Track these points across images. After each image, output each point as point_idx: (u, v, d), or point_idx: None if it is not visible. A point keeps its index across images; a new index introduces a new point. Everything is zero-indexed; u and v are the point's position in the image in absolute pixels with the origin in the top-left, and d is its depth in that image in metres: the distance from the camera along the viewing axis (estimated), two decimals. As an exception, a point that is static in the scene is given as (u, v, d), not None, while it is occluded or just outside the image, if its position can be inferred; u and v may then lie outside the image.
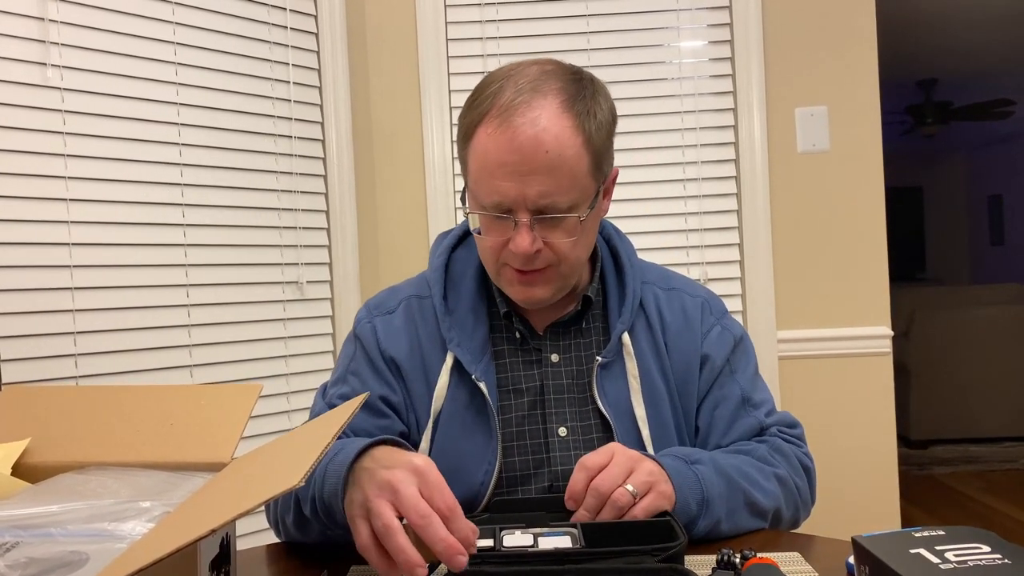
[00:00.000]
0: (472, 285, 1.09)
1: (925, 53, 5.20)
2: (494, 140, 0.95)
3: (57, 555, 0.59)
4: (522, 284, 1.01)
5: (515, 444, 1.04)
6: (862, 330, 2.21)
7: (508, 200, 0.96)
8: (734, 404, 1.08)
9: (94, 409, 0.88)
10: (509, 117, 0.94)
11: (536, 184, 0.94)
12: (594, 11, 2.23)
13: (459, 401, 1.04)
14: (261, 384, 0.94)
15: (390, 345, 1.08)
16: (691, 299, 1.13)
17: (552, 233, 0.98)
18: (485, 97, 0.98)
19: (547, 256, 0.99)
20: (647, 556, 0.76)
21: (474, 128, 0.98)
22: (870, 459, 2.20)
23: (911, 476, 4.16)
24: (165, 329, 1.77)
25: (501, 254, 1.00)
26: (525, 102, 0.95)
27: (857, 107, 2.22)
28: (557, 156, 0.94)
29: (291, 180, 2.04)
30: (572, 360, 1.08)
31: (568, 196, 0.96)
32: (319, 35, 2.12)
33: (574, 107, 0.96)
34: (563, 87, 0.97)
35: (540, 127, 0.94)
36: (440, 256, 1.12)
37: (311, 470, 0.60)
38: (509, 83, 0.97)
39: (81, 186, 1.64)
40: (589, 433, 1.05)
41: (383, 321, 1.10)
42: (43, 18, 1.59)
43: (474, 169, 0.99)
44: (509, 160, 0.94)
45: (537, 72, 0.98)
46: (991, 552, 0.60)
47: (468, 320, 1.07)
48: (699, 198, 2.22)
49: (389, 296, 1.14)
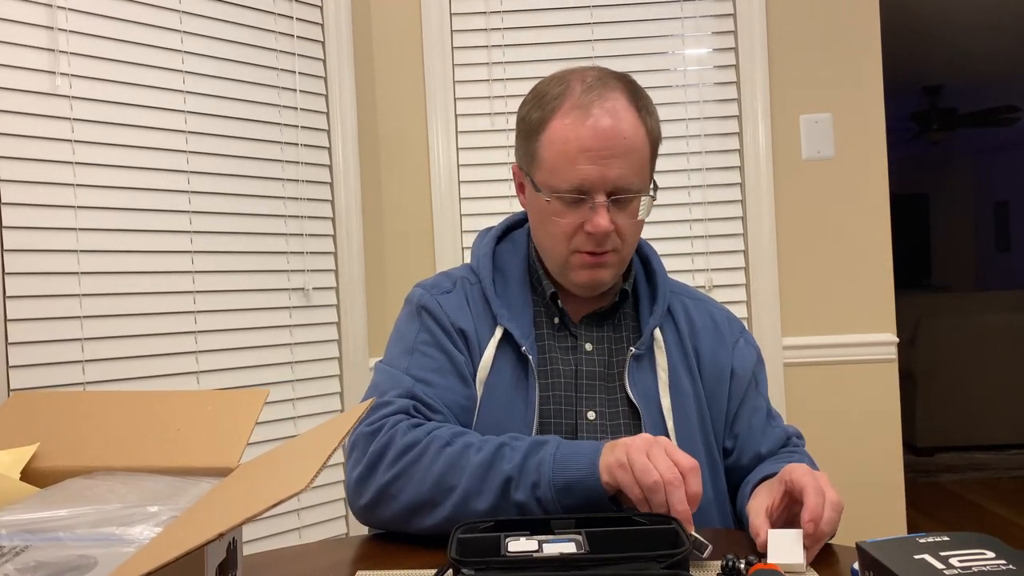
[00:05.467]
0: (518, 273, 1.16)
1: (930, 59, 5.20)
2: (574, 129, 1.04)
3: (66, 559, 0.59)
4: (590, 267, 1.08)
5: (551, 421, 1.09)
6: (868, 337, 2.20)
7: (589, 183, 1.04)
8: (763, 415, 1.17)
9: (102, 415, 0.89)
10: (587, 108, 1.04)
11: (616, 167, 1.04)
12: (599, 19, 2.23)
13: (503, 373, 1.09)
14: (268, 390, 0.95)
15: (457, 317, 1.12)
16: (718, 311, 1.21)
17: (620, 215, 1.06)
18: (554, 96, 1.07)
19: (614, 239, 1.07)
20: (652, 562, 0.76)
21: (546, 122, 1.06)
22: (876, 466, 2.19)
23: (917, 483, 4.14)
24: (172, 336, 1.78)
25: (573, 239, 1.07)
26: (600, 95, 1.04)
27: (862, 114, 2.22)
28: (632, 142, 1.05)
29: (297, 187, 2.05)
30: (605, 351, 1.13)
31: (638, 179, 1.06)
32: (325, 43, 2.13)
33: (637, 102, 1.07)
34: (624, 86, 1.08)
35: (617, 116, 1.04)
36: (487, 246, 1.18)
37: (317, 475, 0.60)
38: (575, 82, 1.07)
39: (89, 193, 1.65)
40: (616, 419, 1.10)
41: (444, 298, 1.14)
42: (52, 27, 1.61)
43: (550, 157, 1.06)
44: (592, 146, 1.03)
45: (598, 72, 1.09)
46: (996, 558, 0.60)
47: (516, 302, 1.13)
48: (704, 205, 2.23)
49: (443, 279, 1.18)
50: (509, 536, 0.83)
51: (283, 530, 1.95)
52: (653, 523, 0.85)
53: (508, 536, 0.83)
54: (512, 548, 0.81)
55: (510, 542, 0.82)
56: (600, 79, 1.07)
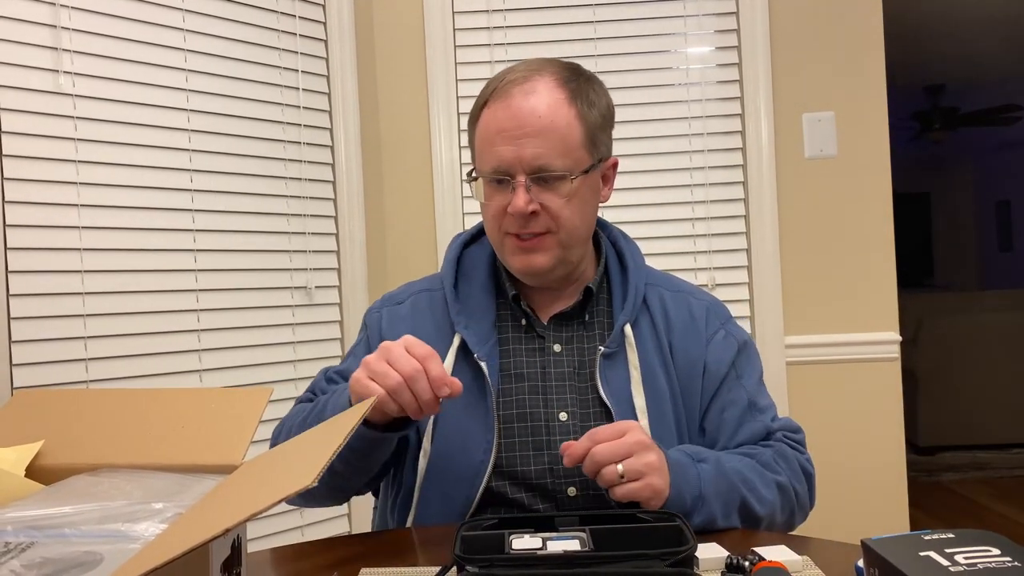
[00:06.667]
0: (483, 276, 1.16)
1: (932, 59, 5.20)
2: (493, 112, 1.06)
3: (71, 555, 0.59)
4: (523, 252, 1.08)
5: (515, 426, 1.08)
6: (870, 336, 2.20)
7: (505, 163, 1.05)
8: (741, 408, 1.11)
9: (106, 412, 0.89)
10: (508, 91, 1.06)
11: (530, 146, 1.03)
12: (601, 17, 2.23)
13: (462, 382, 1.07)
14: (271, 388, 0.95)
15: (391, 332, 1.13)
16: (697, 302, 1.17)
17: (547, 195, 1.05)
18: (489, 87, 1.09)
19: (544, 221, 1.06)
20: (656, 560, 0.76)
21: (479, 110, 1.09)
22: (878, 465, 2.19)
23: (920, 483, 4.14)
24: (175, 334, 1.78)
25: (503, 222, 1.08)
26: (523, 78, 1.06)
27: (864, 113, 2.21)
28: (550, 121, 1.04)
29: (300, 185, 2.05)
30: (575, 351, 1.11)
31: (561, 160, 1.05)
32: (328, 42, 2.14)
33: (567, 85, 1.07)
34: (559, 70, 1.08)
35: (535, 96, 1.04)
36: (453, 250, 1.19)
37: (322, 471, 0.61)
38: (511, 71, 1.09)
39: (93, 191, 1.66)
40: (588, 420, 1.07)
41: (389, 311, 1.18)
42: (55, 25, 1.61)
43: (477, 143, 1.10)
44: (506, 126, 1.04)
45: (539, 61, 1.10)
46: (1001, 555, 0.60)
47: (477, 307, 1.13)
48: (706, 203, 2.23)
49: (403, 290, 1.22)
50: (513, 534, 0.83)
51: (285, 528, 1.95)
52: (658, 521, 0.85)
53: (512, 534, 0.83)
54: (516, 546, 0.81)
55: (514, 540, 0.82)
56: (533, 66, 1.08)
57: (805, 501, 1.09)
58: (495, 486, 1.05)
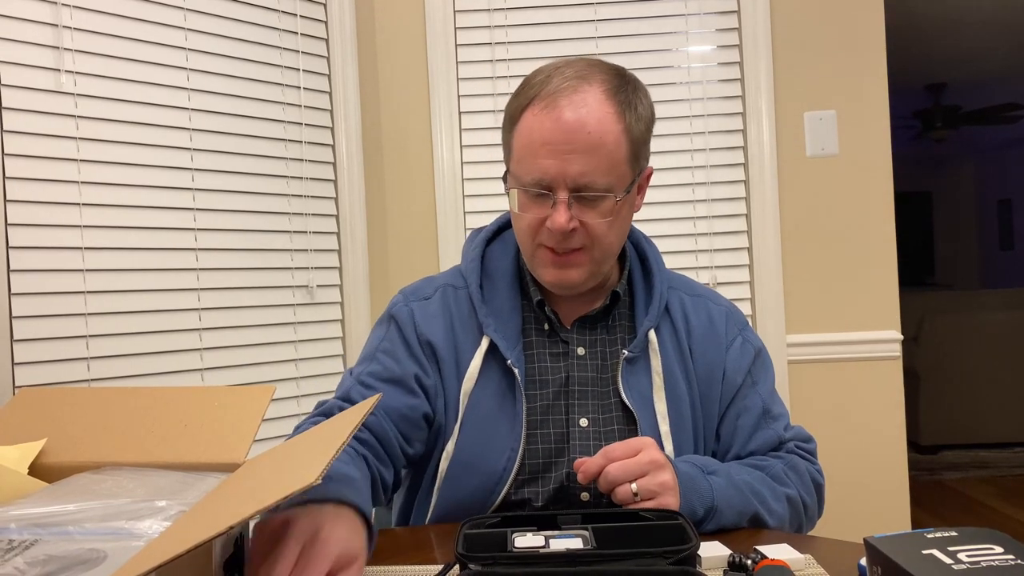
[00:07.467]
0: (507, 278, 1.13)
1: (934, 57, 5.19)
2: (539, 120, 1.00)
3: (75, 553, 0.59)
4: (556, 266, 1.05)
5: (538, 432, 1.07)
6: (871, 334, 2.20)
7: (548, 177, 1.00)
8: (755, 416, 1.11)
9: (109, 410, 0.89)
10: (555, 100, 0.99)
11: (577, 163, 0.99)
12: (603, 16, 2.23)
13: (489, 387, 1.07)
14: (274, 386, 0.95)
15: (427, 328, 1.10)
16: (716, 308, 1.16)
17: (588, 213, 1.01)
18: (533, 85, 1.03)
19: (581, 237, 1.02)
20: (659, 558, 0.76)
21: (520, 112, 1.03)
22: (880, 464, 2.19)
23: (921, 481, 4.14)
24: (176, 333, 1.78)
25: (538, 234, 1.04)
26: (571, 87, 1.00)
27: (866, 111, 2.21)
28: (598, 138, 0.99)
29: (301, 184, 2.05)
30: (598, 355, 1.10)
31: (606, 178, 1.00)
32: (329, 41, 2.14)
33: (616, 96, 1.01)
34: (607, 79, 1.02)
35: (584, 110, 0.99)
36: (475, 249, 1.15)
37: (325, 469, 0.61)
38: (556, 73, 1.02)
39: (94, 191, 1.66)
40: (610, 425, 1.07)
41: (420, 306, 1.13)
42: (57, 24, 1.61)
43: (518, 148, 1.03)
44: (553, 139, 0.99)
45: (584, 64, 1.04)
46: (1004, 553, 0.60)
47: (504, 309, 1.10)
48: (708, 202, 2.23)
49: (425, 284, 1.17)
50: (516, 532, 0.83)
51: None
52: (660, 519, 0.85)
53: (515, 532, 0.83)
54: (519, 544, 0.81)
55: (517, 538, 0.82)
56: (581, 72, 1.02)
57: (814, 512, 1.10)
58: (513, 491, 1.05)
